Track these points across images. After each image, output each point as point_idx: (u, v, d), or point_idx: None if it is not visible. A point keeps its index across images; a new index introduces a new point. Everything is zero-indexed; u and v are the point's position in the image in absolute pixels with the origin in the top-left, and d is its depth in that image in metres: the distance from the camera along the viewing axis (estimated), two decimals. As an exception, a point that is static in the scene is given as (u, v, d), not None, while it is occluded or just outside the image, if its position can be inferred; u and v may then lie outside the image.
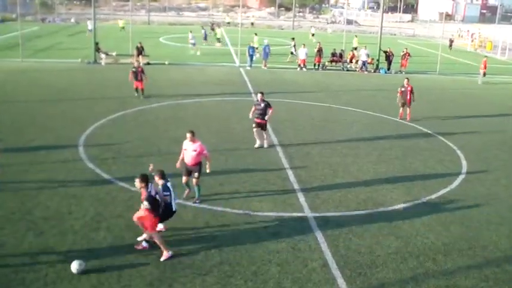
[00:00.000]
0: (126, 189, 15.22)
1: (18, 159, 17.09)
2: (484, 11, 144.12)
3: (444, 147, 21.61)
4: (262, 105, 19.62)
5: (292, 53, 45.57)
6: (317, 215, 14.39)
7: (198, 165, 14.56)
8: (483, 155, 20.79)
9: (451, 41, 63.88)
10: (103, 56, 38.75)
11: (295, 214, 14.39)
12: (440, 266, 12.08)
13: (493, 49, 65.92)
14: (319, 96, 31.05)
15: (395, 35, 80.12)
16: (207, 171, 14.72)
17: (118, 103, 25.77)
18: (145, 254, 11.60)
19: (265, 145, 19.91)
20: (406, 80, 26.21)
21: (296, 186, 16.39)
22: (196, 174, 14.59)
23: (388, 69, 42.53)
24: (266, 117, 19.65)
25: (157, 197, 11.73)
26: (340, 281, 11.17)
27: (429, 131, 23.91)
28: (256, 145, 19.82)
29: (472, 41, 70.82)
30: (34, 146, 18.50)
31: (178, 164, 14.82)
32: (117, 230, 12.79)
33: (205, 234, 12.88)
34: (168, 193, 11.91)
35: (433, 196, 16.20)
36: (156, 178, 12.00)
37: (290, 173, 17.47)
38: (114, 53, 40.49)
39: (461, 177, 18.10)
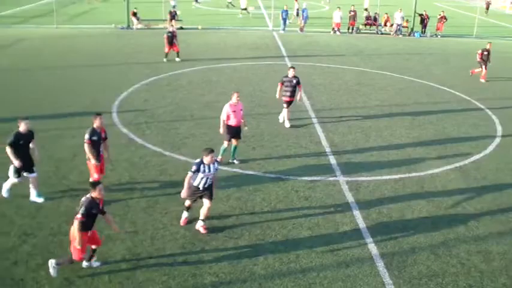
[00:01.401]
0: (159, 154, 15.48)
1: (54, 124, 17.47)
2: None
3: (479, 112, 21.25)
4: (294, 81, 18.00)
5: (295, 15, 44.01)
6: (349, 179, 14.44)
7: (241, 124, 15.05)
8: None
9: (488, 4, 61.77)
10: (135, 21, 38.80)
11: (327, 178, 14.46)
12: (472, 231, 12.06)
13: None
14: (353, 60, 30.67)
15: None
16: (245, 128, 15.30)
17: (151, 68, 25.94)
18: (179, 218, 11.84)
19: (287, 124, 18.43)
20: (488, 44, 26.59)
21: (328, 150, 16.43)
22: (240, 134, 15.08)
23: (423, 32, 41.60)
24: (298, 97, 18.34)
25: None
26: (371, 245, 11.26)
27: (464, 96, 23.49)
28: (288, 125, 18.39)
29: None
30: (69, 112, 18.84)
31: (221, 130, 14.98)
32: (150, 194, 13.08)
33: (237, 198, 13.08)
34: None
35: (467, 161, 16.05)
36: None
37: (322, 136, 17.48)
38: (145, 20, 40.40)
39: (495, 142, 17.84)
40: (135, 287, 9.47)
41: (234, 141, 14.96)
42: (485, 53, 26.36)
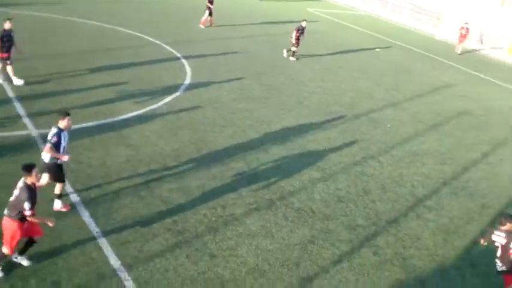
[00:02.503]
0: None
1: None
2: None
3: (169, 56, 21.87)
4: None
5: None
6: (43, 131, 13.42)
7: None
8: (207, 62, 21.69)
9: None
10: None
11: (18, 132, 13.23)
12: (171, 170, 12.56)
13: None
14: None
15: None
16: None
17: None
18: None
19: None
20: None
21: (16, 103, 14.96)
22: None
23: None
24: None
25: None
26: (73, 195, 10.82)
27: (154, 40, 23.83)
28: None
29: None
30: None
31: None
32: None
33: None
34: None
35: (160, 104, 16.47)
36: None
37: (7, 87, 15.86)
38: None
39: (186, 84, 18.69)
40: None
41: None
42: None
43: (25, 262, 8.78)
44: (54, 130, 9.92)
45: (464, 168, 16.00)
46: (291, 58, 24.48)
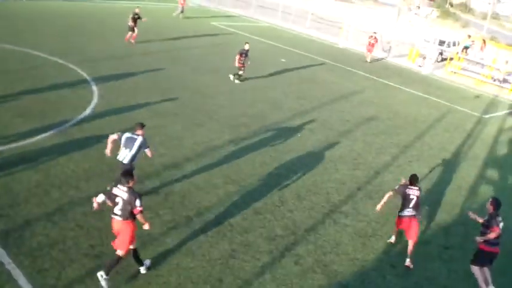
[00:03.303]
0: None
1: None
2: None
3: (74, 75, 21.18)
4: None
5: None
6: None
7: None
8: (113, 80, 21.22)
9: None
10: None
11: None
12: (84, 192, 12.24)
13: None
14: None
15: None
16: None
17: None
18: None
19: None
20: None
21: None
22: None
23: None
24: None
25: None
26: (-22, 228, 10.29)
27: (58, 60, 23.00)
28: None
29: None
30: None
31: None
32: None
33: None
34: None
35: (68, 124, 16.00)
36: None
37: None
38: None
39: (93, 103, 18.25)
40: None
41: None
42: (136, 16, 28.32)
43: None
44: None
45: (376, 172, 16.76)
46: (236, 81, 24.44)
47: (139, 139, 11.63)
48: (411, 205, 11.78)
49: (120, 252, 9.30)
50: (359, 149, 18.55)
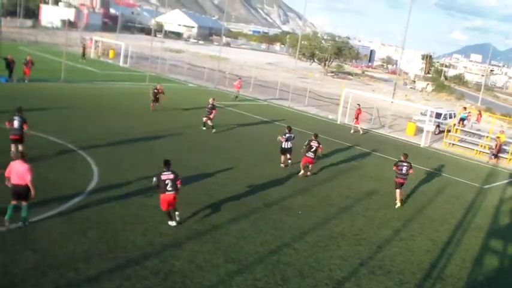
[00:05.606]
0: None
1: None
2: (106, 20, 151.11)
3: (74, 155, 21.40)
4: None
5: None
6: None
7: None
8: (112, 159, 21.43)
9: (84, 48, 63.76)
10: None
11: None
12: (83, 274, 12.03)
13: (115, 57, 68.56)
14: None
15: (15, 41, 74.61)
16: None
17: None
18: None
19: None
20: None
21: None
22: None
23: (10, 77, 39.55)
24: None
25: None
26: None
27: (58, 140, 23.30)
28: None
29: (96, 48, 72.02)
30: None
31: None
32: None
33: None
34: None
35: (67, 205, 15.97)
36: None
37: None
38: None
39: (93, 183, 18.29)
40: None
41: None
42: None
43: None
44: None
45: (378, 247, 16.55)
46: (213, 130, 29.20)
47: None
48: None
49: None
50: (360, 224, 18.40)
